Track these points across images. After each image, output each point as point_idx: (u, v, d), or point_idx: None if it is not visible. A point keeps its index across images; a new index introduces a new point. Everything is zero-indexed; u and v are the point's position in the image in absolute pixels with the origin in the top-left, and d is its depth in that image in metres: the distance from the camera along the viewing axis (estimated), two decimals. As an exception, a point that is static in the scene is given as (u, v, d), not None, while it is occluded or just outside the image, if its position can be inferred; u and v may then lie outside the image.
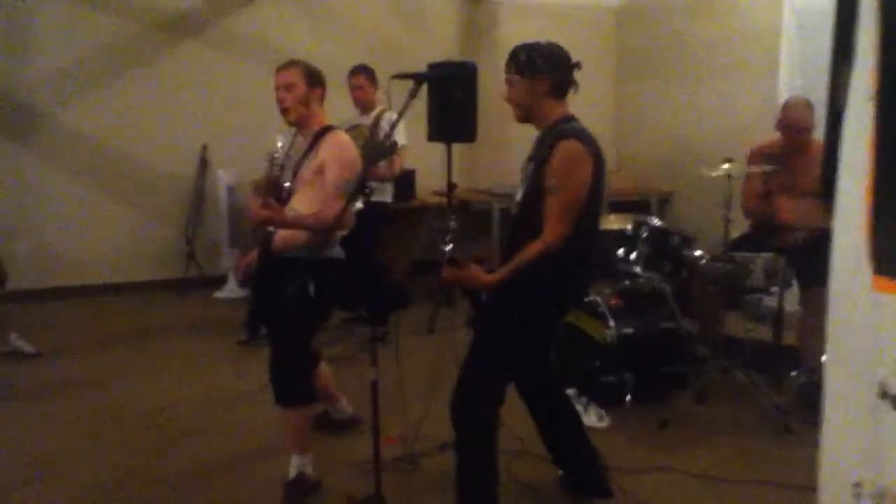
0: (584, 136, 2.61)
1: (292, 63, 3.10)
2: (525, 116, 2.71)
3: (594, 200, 2.64)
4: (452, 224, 2.60)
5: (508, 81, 2.69)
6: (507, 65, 2.69)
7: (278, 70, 3.09)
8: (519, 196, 2.73)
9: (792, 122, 4.12)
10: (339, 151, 3.03)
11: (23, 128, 6.01)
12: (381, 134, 4.98)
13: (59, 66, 6.08)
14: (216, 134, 6.49)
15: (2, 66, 5.91)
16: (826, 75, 1.69)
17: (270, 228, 3.06)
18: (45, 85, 6.07)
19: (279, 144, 3.18)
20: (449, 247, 2.60)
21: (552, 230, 2.54)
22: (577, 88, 2.72)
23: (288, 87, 3.04)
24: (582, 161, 2.57)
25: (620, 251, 4.31)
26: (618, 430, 3.69)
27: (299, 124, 3.13)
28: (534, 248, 2.54)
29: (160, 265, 6.52)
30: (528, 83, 2.64)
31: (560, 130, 2.62)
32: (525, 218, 2.66)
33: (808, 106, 4.13)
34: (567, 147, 2.56)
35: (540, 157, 2.63)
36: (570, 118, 2.69)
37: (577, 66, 2.69)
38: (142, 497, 3.15)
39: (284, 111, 3.09)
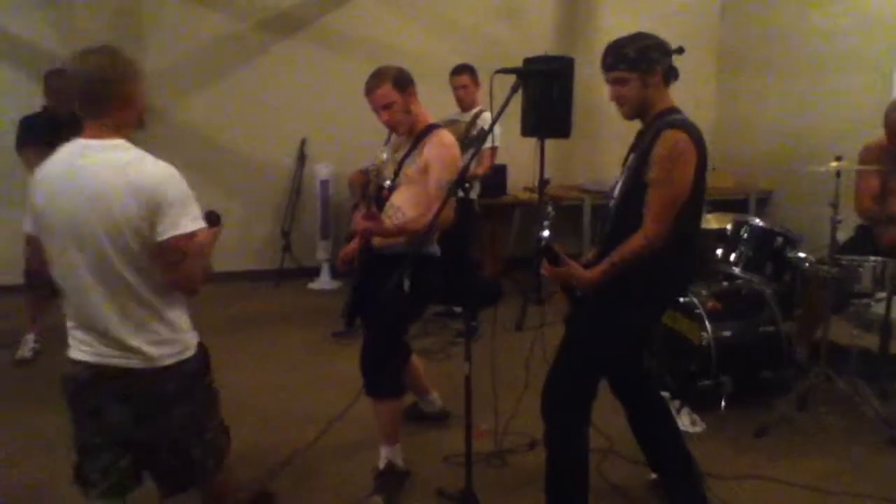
0: (689, 127, 2.52)
1: (377, 79, 3.02)
2: (637, 113, 2.61)
3: (698, 195, 2.54)
4: (550, 210, 2.57)
5: (619, 80, 2.55)
6: (613, 63, 2.55)
7: (369, 91, 3.03)
8: (617, 189, 2.65)
9: (892, 124, 3.89)
10: (444, 151, 3.03)
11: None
12: (476, 132, 4.99)
13: (169, 63, 6.35)
14: (315, 129, 6.65)
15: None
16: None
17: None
18: (155, 81, 6.34)
19: (384, 157, 3.21)
20: (546, 233, 2.56)
21: (655, 224, 2.45)
22: (677, 76, 2.62)
23: (386, 107, 3.03)
24: (687, 152, 2.46)
25: (719, 251, 4.19)
26: (713, 436, 3.60)
27: (409, 132, 3.14)
28: (635, 243, 2.46)
29: (259, 256, 6.74)
30: (644, 77, 2.52)
31: (665, 121, 2.53)
32: (624, 212, 2.57)
33: None
34: (672, 137, 2.47)
35: (642, 148, 2.54)
36: (676, 109, 2.60)
37: (681, 50, 2.60)
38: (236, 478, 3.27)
39: (394, 128, 3.13)
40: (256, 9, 6.49)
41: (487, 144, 5.03)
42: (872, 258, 3.73)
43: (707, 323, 3.81)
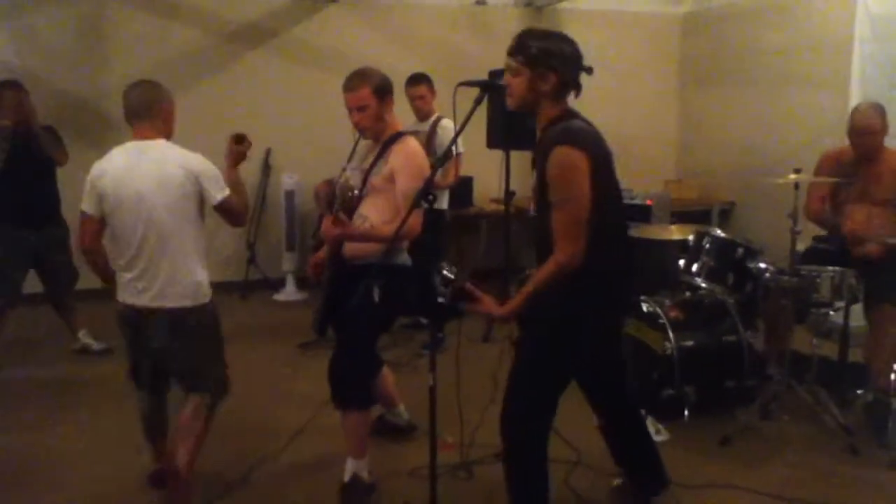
0: (575, 137, 2.40)
1: (360, 80, 3.00)
2: (521, 108, 2.54)
3: (603, 200, 2.43)
4: (447, 273, 2.58)
5: (512, 69, 2.48)
6: (513, 50, 2.47)
7: (347, 90, 3.01)
8: (532, 207, 2.63)
9: (856, 125, 3.97)
10: (410, 160, 3.02)
11: (97, 134, 6.19)
12: (439, 141, 4.98)
13: (132, 74, 6.22)
14: (280, 139, 6.61)
15: (80, 75, 6.14)
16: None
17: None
18: (119, 94, 6.26)
19: (348, 174, 3.20)
20: (440, 299, 2.58)
21: (563, 249, 2.37)
22: (579, 93, 2.52)
23: (360, 109, 3.00)
24: (577, 166, 2.36)
25: (681, 262, 4.24)
26: (677, 445, 3.62)
27: (376, 138, 3.13)
28: (547, 269, 2.40)
29: (224, 267, 6.65)
30: (533, 78, 2.44)
31: (552, 136, 2.44)
32: (541, 233, 2.50)
33: (877, 110, 3.97)
34: (557, 155, 2.37)
35: (539, 167, 2.48)
36: (563, 116, 2.49)
37: (589, 70, 2.51)
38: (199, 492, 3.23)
39: (362, 131, 3.09)
40: (220, 21, 6.45)
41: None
42: (831, 268, 3.81)
43: (670, 332, 3.85)
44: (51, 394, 4.32)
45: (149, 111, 2.97)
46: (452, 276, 2.58)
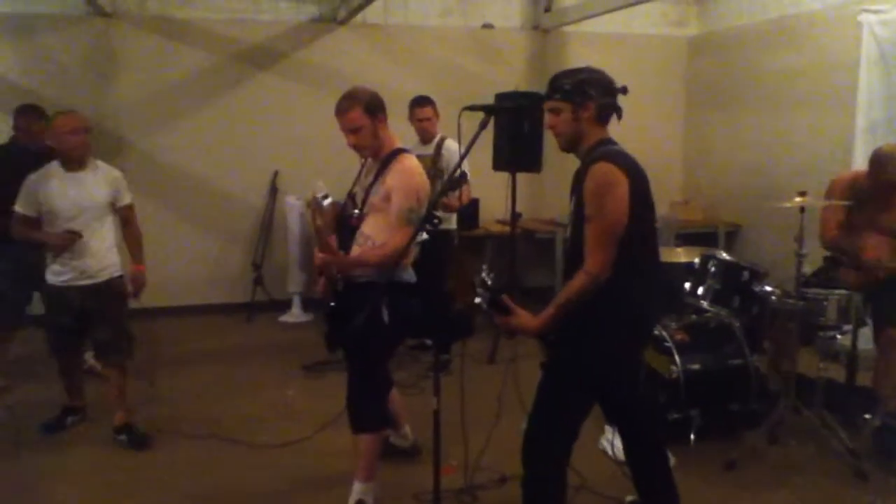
0: (615, 157, 2.51)
1: (349, 102, 3.02)
2: (570, 145, 2.63)
3: (640, 222, 2.51)
4: (484, 277, 2.58)
5: (553, 110, 2.61)
6: (550, 93, 2.61)
7: (339, 113, 3.03)
8: (568, 231, 2.67)
9: (883, 165, 3.91)
10: (406, 179, 3.01)
11: (106, 154, 6.22)
12: (445, 163, 5.00)
13: (142, 95, 6.35)
14: (288, 162, 6.65)
15: (89, 94, 6.19)
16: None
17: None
18: (129, 113, 6.33)
19: (319, 184, 3.21)
20: (478, 299, 2.59)
21: (593, 259, 2.44)
22: (620, 114, 2.65)
23: (354, 131, 3.02)
24: (614, 183, 2.45)
25: (687, 285, 4.23)
26: (683, 469, 3.57)
27: (375, 155, 3.15)
28: (577, 281, 2.45)
29: (231, 289, 6.68)
30: (576, 110, 2.56)
31: (592, 155, 2.55)
32: (575, 252, 2.56)
33: None
34: (597, 170, 2.47)
35: (578, 188, 2.56)
36: (606, 142, 2.60)
37: (623, 90, 2.63)
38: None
39: (360, 151, 3.12)
40: (228, 42, 6.51)
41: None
42: (837, 291, 3.79)
43: (676, 356, 3.83)
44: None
45: None
46: (490, 282, 2.59)
